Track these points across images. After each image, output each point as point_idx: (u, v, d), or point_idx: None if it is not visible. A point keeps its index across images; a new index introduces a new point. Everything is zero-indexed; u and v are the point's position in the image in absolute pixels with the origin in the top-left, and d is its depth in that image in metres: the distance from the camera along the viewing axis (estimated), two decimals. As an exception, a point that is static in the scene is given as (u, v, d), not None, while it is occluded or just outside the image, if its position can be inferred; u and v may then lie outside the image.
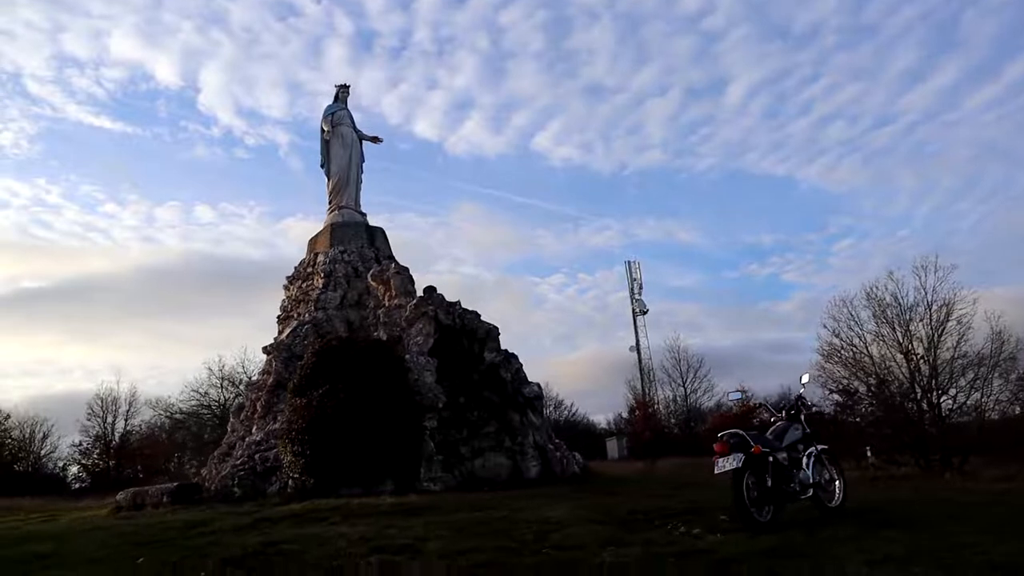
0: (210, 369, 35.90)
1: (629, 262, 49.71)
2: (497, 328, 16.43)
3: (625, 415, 41.67)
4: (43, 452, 35.55)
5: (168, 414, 36.04)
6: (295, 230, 75.46)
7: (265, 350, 16.36)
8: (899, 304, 24.50)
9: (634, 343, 47.53)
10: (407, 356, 14.70)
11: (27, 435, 34.98)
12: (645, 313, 48.22)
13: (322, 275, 17.18)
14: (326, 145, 18.84)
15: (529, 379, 16.48)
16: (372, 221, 18.62)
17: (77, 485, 33.99)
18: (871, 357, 25.07)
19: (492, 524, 8.61)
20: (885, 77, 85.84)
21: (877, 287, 24.99)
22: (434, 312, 15.77)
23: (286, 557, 6.93)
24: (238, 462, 14.58)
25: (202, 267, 73.42)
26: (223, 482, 14.10)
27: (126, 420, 37.77)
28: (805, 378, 9.70)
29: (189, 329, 68.23)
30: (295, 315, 17.20)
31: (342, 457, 12.98)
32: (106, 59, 79.31)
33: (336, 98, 19.50)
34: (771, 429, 8.84)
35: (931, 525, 7.73)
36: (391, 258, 18.23)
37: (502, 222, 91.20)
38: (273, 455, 13.92)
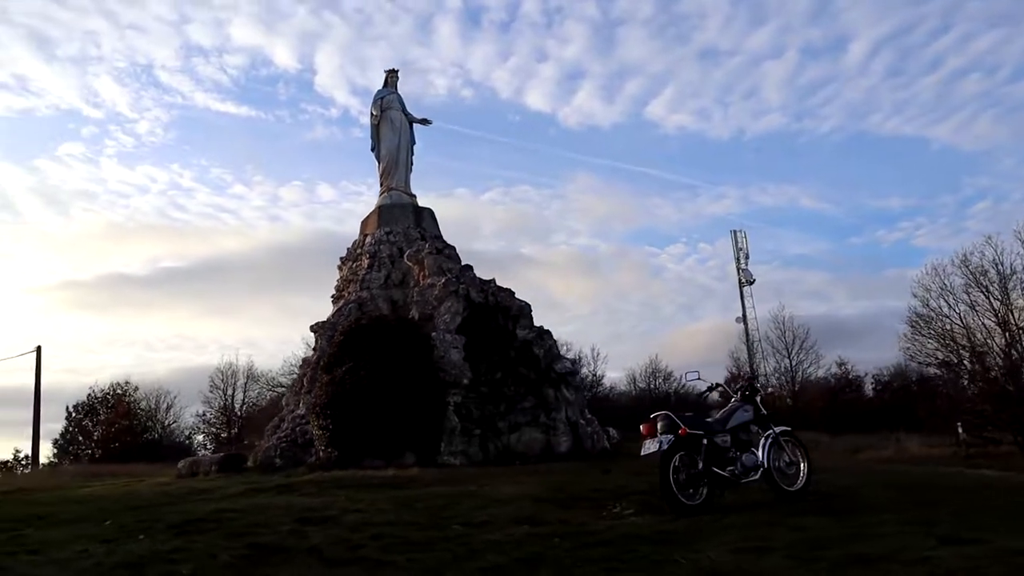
0: (308, 344, 37.96)
1: (734, 231, 48.02)
2: (529, 305, 16.62)
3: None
4: (168, 422, 39.22)
5: (270, 387, 38.65)
6: (412, 206, 77.66)
7: (312, 328, 17.34)
8: (998, 271, 22.57)
9: (741, 314, 46.01)
10: (433, 334, 15.18)
11: (153, 406, 38.69)
12: (752, 283, 46.46)
13: (368, 256, 17.94)
14: (376, 129, 19.47)
15: (563, 355, 16.58)
16: (485, 195, 19.17)
17: (201, 452, 37.21)
18: (966, 328, 23.30)
19: (444, 498, 8.95)
20: (1031, 20, 77.20)
21: (973, 253, 23.12)
22: (465, 290, 16.14)
23: (218, 523, 7.57)
24: (282, 434, 15.67)
25: (325, 244, 77.31)
26: (267, 453, 15.21)
27: (244, 392, 40.87)
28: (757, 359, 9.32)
29: (316, 304, 72.29)
30: (346, 294, 18.08)
31: (364, 431, 13.68)
32: (228, 46, 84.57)
33: (386, 83, 20.09)
34: (722, 411, 8.63)
35: (870, 513, 7.34)
36: (438, 238, 18.73)
37: (617, 192, 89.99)
38: (311, 428, 14.83)
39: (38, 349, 34.91)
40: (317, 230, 79.90)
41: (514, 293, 16.71)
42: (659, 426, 7.98)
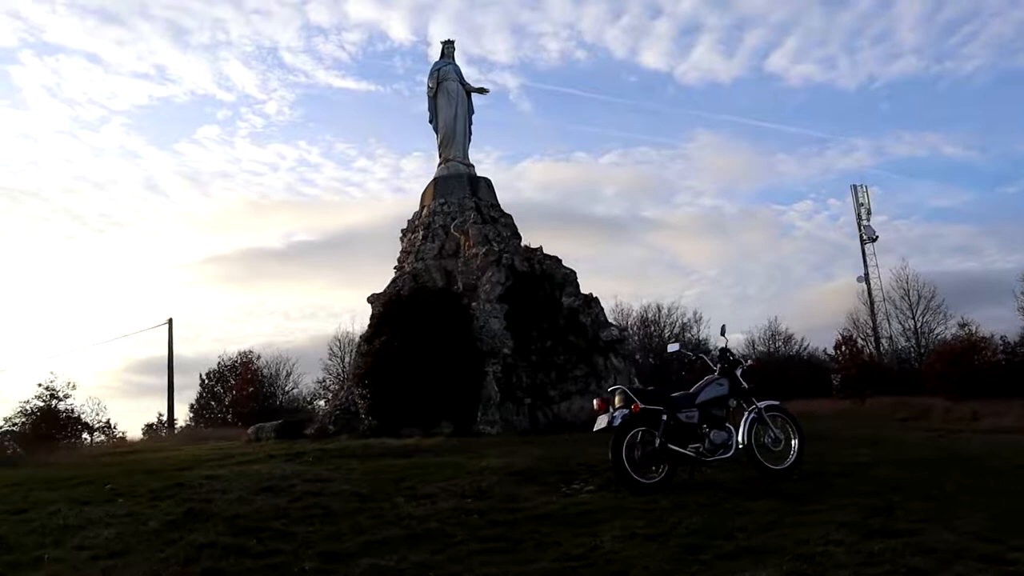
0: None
1: (854, 186, 44.70)
2: (574, 272, 16.33)
3: (831, 351, 38.32)
4: (288, 388, 41.71)
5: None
6: (532, 172, 77.76)
7: (369, 299, 17.80)
8: None
9: (863, 273, 43.15)
10: (474, 304, 15.25)
11: (274, 373, 41.27)
12: (875, 240, 43.30)
13: (423, 227, 18.17)
14: (433, 101, 19.51)
15: (610, 322, 16.22)
16: (604, 158, 18.72)
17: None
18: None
19: (420, 469, 9.06)
20: None
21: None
22: (510, 259, 16.05)
23: (190, 489, 8.05)
24: (339, 402, 16.32)
25: (448, 213, 78.69)
26: (322, 420, 15.91)
27: (361, 358, 42.70)
28: (724, 329, 8.66)
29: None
30: (406, 266, 18.44)
31: (400, 400, 14.02)
32: (346, 24, 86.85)
33: (442, 54, 20.04)
34: (695, 385, 8.16)
35: (834, 496, 6.76)
36: (495, 207, 18.67)
37: (741, 150, 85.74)
38: (355, 397, 15.37)
39: (169, 321, 37.99)
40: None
41: (561, 261, 16.48)
42: (616, 401, 7.68)
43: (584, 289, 16.91)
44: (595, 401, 7.92)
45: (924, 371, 32.00)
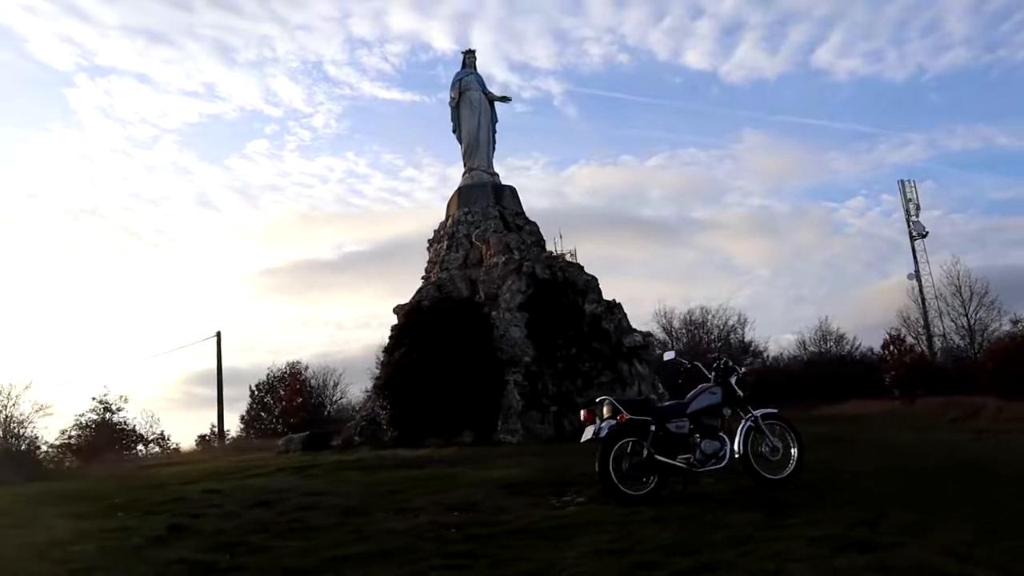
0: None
1: (902, 181, 43.45)
2: (596, 279, 16.17)
3: (878, 350, 36.98)
4: (336, 398, 42.18)
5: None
6: (579, 177, 77.47)
7: (395, 310, 17.92)
8: None
9: (914, 269, 41.73)
10: (494, 313, 15.21)
11: (321, 383, 41.81)
12: (924, 236, 41.93)
13: (447, 237, 18.23)
14: (456, 111, 19.62)
15: (634, 328, 16.00)
16: (650, 160, 18.64)
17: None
18: None
19: (418, 482, 9.05)
20: None
21: None
22: (530, 268, 15.97)
23: (186, 504, 8.21)
24: (364, 413, 16.45)
25: (496, 221, 78.92)
26: (348, 432, 16.07)
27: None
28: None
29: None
30: (431, 276, 18.52)
31: (421, 410, 14.07)
32: (388, 36, 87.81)
33: (464, 64, 20.15)
34: (688, 395, 7.96)
35: (815, 510, 6.48)
36: (520, 214, 18.63)
37: (789, 147, 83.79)
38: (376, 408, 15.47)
39: (218, 334, 38.87)
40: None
41: (583, 268, 16.36)
42: (604, 411, 7.56)
43: (632, 293, 16.97)
44: (582, 412, 7.80)
45: (977, 369, 30.73)
